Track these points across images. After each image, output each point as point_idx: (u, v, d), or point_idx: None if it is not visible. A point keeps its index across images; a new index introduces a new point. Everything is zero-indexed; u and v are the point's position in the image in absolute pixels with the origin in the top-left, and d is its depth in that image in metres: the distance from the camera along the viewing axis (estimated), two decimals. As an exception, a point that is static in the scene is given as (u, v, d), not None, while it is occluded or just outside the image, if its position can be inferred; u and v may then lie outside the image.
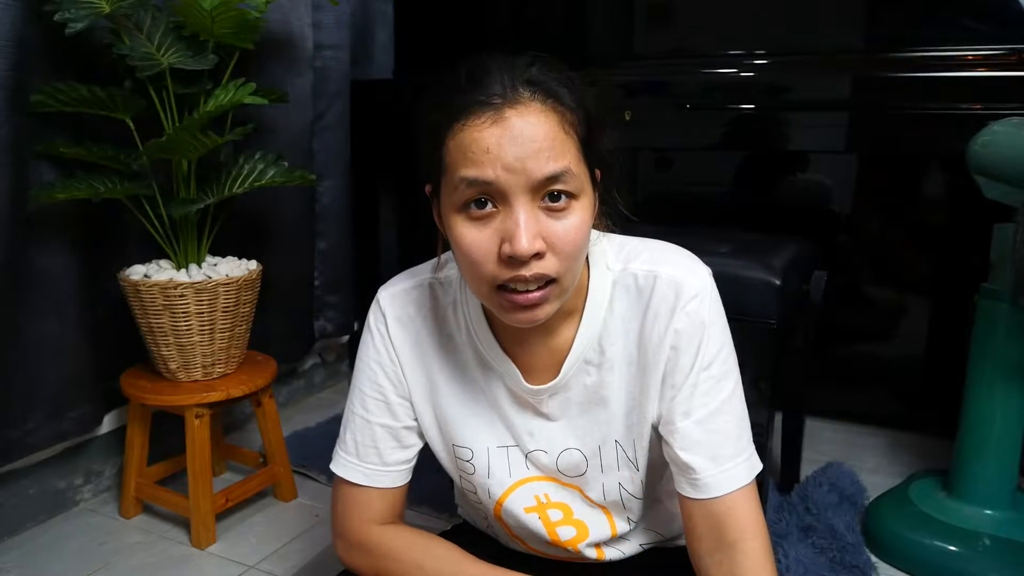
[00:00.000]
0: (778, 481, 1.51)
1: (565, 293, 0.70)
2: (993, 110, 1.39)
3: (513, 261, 0.65)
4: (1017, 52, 1.45)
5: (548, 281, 0.67)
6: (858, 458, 1.66)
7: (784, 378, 1.45)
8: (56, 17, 1.15)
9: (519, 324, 0.70)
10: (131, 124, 1.30)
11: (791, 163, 1.82)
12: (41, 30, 1.21)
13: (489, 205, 0.66)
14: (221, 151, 1.41)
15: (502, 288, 0.67)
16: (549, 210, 0.66)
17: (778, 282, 1.28)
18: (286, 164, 1.44)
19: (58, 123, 1.28)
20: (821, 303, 1.42)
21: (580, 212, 0.67)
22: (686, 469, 0.75)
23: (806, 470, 1.53)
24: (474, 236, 0.66)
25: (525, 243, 0.63)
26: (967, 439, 1.26)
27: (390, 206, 2.11)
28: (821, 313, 1.43)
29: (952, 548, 1.22)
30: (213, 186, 1.38)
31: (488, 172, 0.64)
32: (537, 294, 0.67)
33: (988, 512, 1.24)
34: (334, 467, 0.86)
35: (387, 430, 0.84)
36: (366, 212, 2.07)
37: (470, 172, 0.64)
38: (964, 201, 1.36)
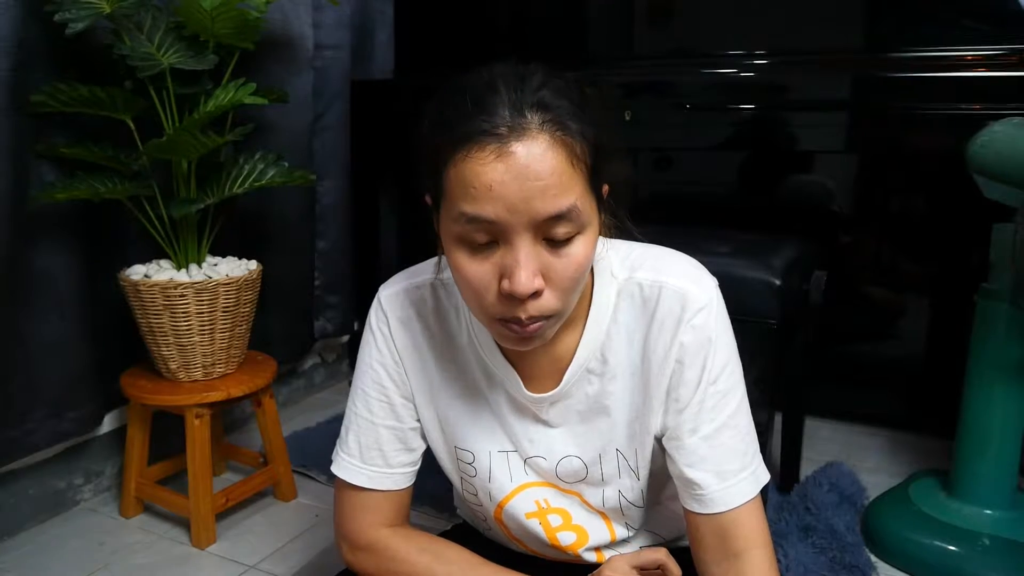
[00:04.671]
0: (778, 481, 1.51)
1: (562, 319, 0.69)
2: (993, 110, 1.39)
3: (511, 298, 0.63)
4: (1017, 52, 1.45)
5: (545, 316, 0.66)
6: (858, 458, 1.66)
7: (784, 378, 1.46)
8: (56, 17, 1.15)
9: (517, 349, 0.70)
10: (131, 124, 1.30)
11: (791, 163, 1.82)
12: (41, 30, 1.21)
13: (489, 240, 0.63)
14: (221, 151, 1.41)
15: (500, 319, 0.67)
16: (551, 245, 0.64)
17: (778, 282, 1.28)
18: (286, 164, 1.44)
19: (58, 123, 1.28)
20: (821, 303, 1.42)
21: (583, 245, 0.65)
22: (691, 485, 0.74)
23: (806, 470, 1.53)
24: (473, 269, 0.65)
25: (524, 282, 0.62)
26: (967, 439, 1.26)
27: (390, 206, 2.11)
28: (821, 313, 1.43)
29: (952, 548, 1.22)
30: (213, 186, 1.38)
31: (489, 210, 0.61)
32: (533, 327, 0.66)
33: (988, 512, 1.24)
34: (336, 469, 0.85)
35: (392, 431, 0.83)
36: (366, 212, 2.07)
37: (470, 209, 0.61)
38: (964, 201, 1.36)
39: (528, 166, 0.60)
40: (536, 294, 0.64)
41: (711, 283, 0.76)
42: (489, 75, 0.64)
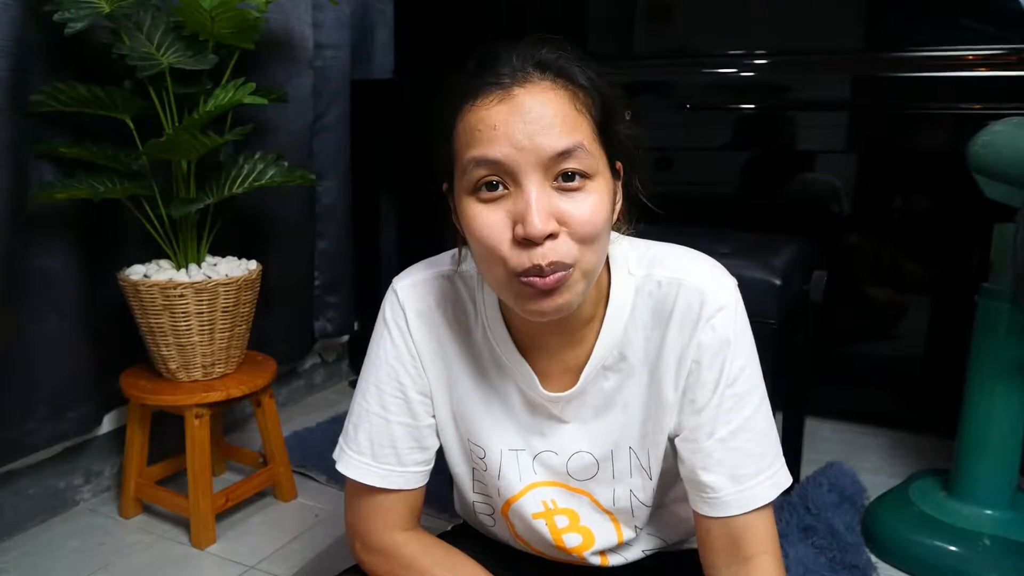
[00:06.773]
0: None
1: (584, 281, 0.66)
2: (993, 110, 1.39)
3: (528, 243, 0.62)
4: (1017, 52, 1.45)
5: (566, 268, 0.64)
6: (858, 458, 1.66)
7: (784, 378, 1.46)
8: (56, 17, 1.15)
9: (539, 316, 0.66)
10: (131, 124, 1.30)
11: (791, 163, 1.82)
12: (41, 30, 1.21)
13: (500, 187, 0.63)
14: (221, 151, 1.41)
15: (519, 277, 0.64)
16: (562, 190, 0.63)
17: (778, 282, 1.28)
18: (286, 164, 1.44)
19: (58, 123, 1.28)
20: (821, 303, 1.42)
21: (596, 193, 0.64)
22: (704, 488, 0.73)
23: (806, 470, 1.53)
24: (486, 218, 0.64)
25: (538, 223, 0.61)
26: (967, 439, 1.26)
27: (390, 206, 2.11)
28: (821, 313, 1.43)
29: (952, 548, 1.22)
30: (213, 186, 1.38)
31: (495, 150, 0.62)
32: (553, 277, 0.63)
33: (988, 512, 1.24)
34: (345, 469, 0.82)
35: (406, 428, 0.81)
36: (366, 212, 2.07)
37: (478, 151, 0.63)
38: (964, 201, 1.36)
39: (531, 107, 0.62)
40: (552, 236, 0.62)
41: (731, 284, 0.75)
42: (492, 47, 0.67)
